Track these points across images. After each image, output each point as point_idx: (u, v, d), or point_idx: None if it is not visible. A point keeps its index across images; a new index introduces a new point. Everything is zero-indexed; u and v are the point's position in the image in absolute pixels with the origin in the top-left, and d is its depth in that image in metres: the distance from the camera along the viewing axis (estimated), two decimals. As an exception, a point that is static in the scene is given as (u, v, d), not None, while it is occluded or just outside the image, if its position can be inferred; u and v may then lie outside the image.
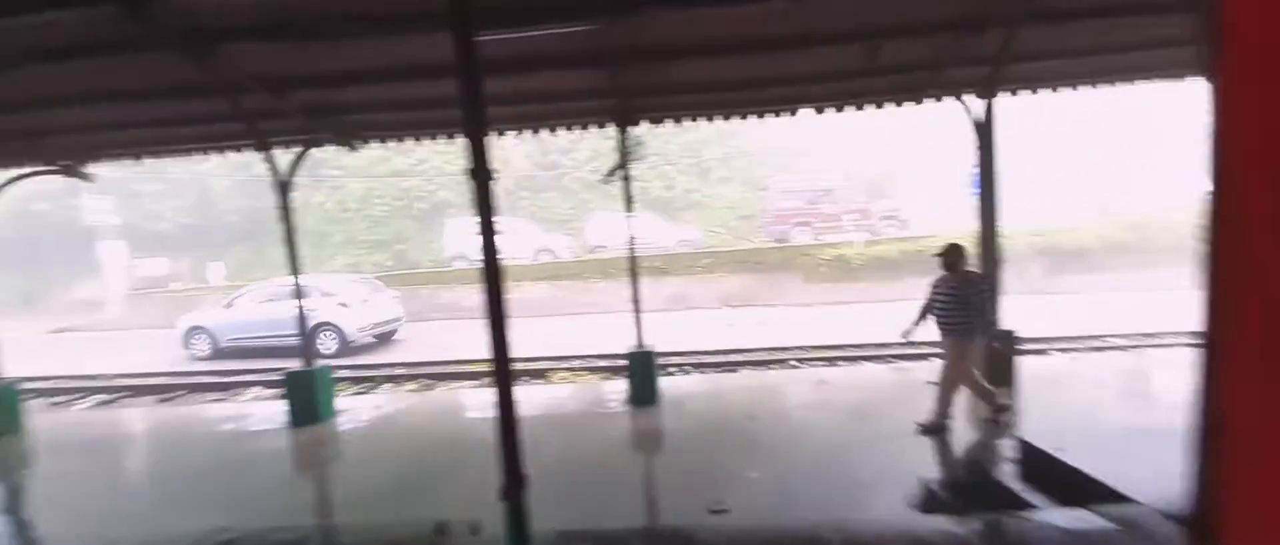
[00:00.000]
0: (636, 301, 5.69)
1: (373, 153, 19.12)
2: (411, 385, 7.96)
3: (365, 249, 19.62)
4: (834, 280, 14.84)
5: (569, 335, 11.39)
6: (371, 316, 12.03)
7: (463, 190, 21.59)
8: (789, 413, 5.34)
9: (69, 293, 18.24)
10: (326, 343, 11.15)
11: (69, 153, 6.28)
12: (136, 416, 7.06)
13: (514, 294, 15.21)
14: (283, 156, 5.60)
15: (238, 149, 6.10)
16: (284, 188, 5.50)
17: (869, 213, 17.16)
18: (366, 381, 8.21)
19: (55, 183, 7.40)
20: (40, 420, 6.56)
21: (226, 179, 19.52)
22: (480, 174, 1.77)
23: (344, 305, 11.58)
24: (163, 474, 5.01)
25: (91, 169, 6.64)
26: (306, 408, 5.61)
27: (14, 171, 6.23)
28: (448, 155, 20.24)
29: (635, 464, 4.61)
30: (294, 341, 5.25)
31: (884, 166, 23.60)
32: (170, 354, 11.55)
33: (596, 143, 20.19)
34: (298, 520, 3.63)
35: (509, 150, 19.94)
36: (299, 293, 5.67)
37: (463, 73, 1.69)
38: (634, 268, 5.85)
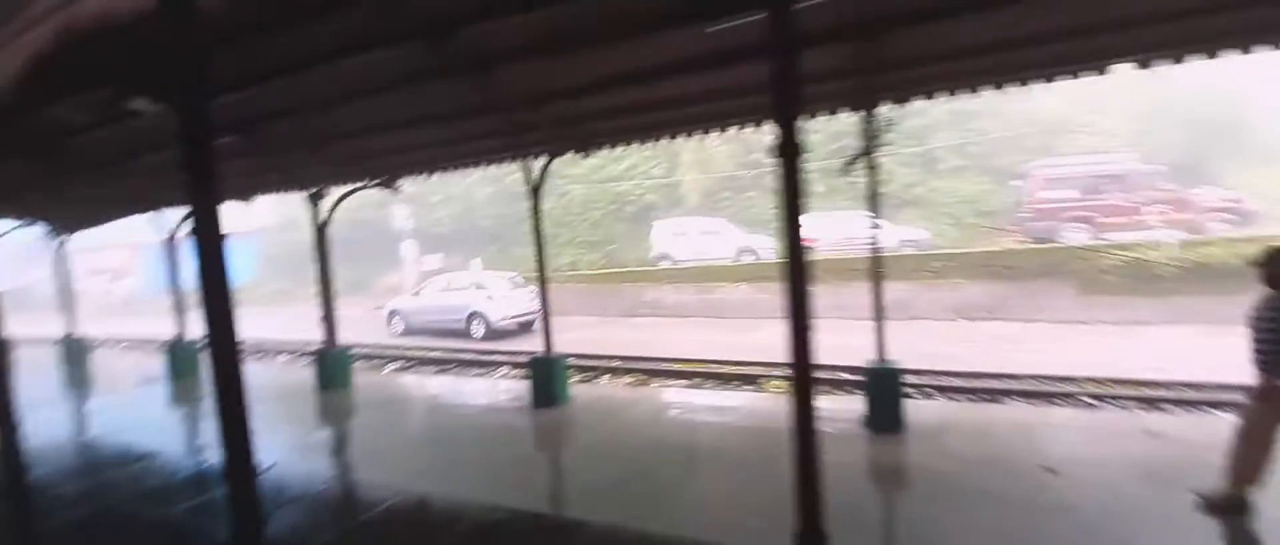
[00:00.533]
0: (879, 309, 4.95)
1: (591, 161, 21.09)
2: (628, 378, 8.35)
3: (583, 249, 21.71)
4: (1126, 292, 11.40)
5: (777, 341, 10.83)
6: (513, 308, 13.83)
7: (667, 194, 22.76)
8: (1110, 472, 3.79)
9: (382, 280, 24.00)
10: (475, 328, 13.62)
11: (385, 170, 8.02)
12: (421, 382, 8.74)
13: (716, 294, 14.94)
14: (523, 166, 6.25)
15: (500, 161, 6.99)
16: (535, 192, 6.13)
17: (1187, 203, 12.87)
18: (589, 371, 8.87)
19: (374, 194, 9.54)
20: (361, 378, 8.54)
21: (487, 189, 23.46)
22: (788, 151, 1.50)
23: (490, 298, 13.79)
24: (434, 433, 5.99)
25: (401, 182, 8.41)
26: (546, 391, 6.20)
27: (348, 186, 8.17)
28: (655, 160, 21.26)
29: (909, 508, 3.78)
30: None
31: (1205, 142, 17.59)
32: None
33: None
34: (543, 502, 3.91)
35: (712, 150, 20.07)
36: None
37: (777, 49, 1.45)
38: (875, 269, 5.10)
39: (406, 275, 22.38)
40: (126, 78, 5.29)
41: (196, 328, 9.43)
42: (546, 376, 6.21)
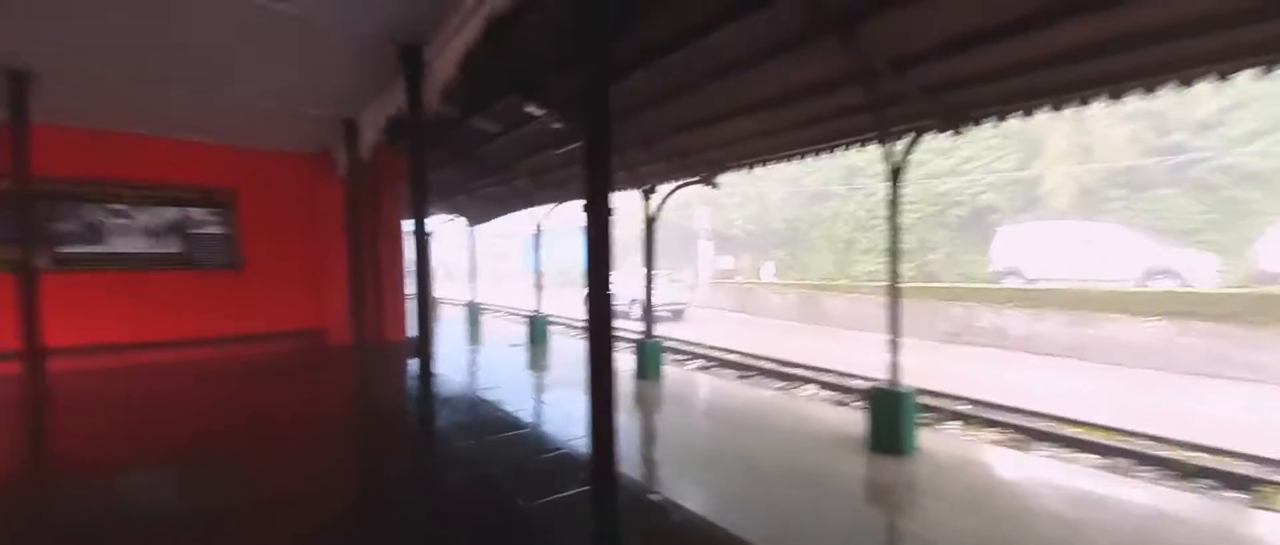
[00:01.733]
0: None
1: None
2: (992, 433, 6.25)
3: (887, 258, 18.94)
4: None
5: (1224, 409, 6.86)
6: (666, 298, 16.93)
7: (1017, 192, 17.90)
8: None
9: (685, 275, 25.87)
10: (634, 310, 15.54)
11: (710, 165, 7.85)
12: (722, 386, 8.34)
13: (1102, 329, 10.65)
14: (886, 150, 4.98)
15: (850, 146, 5.89)
16: (895, 178, 4.85)
17: None
18: (927, 410, 7.04)
19: (681, 194, 9.69)
20: (668, 371, 8.62)
21: (781, 191, 22.77)
22: None
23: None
24: (748, 456, 5.27)
25: (718, 177, 8.18)
26: (888, 432, 4.87)
27: (674, 182, 8.27)
28: (1001, 151, 16.94)
29: None
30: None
31: None
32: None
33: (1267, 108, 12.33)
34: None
35: (1099, 133, 14.81)
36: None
37: None
38: None
39: (699, 274, 23.46)
40: (527, 87, 6.23)
41: (549, 303, 10.86)
42: (890, 414, 4.87)
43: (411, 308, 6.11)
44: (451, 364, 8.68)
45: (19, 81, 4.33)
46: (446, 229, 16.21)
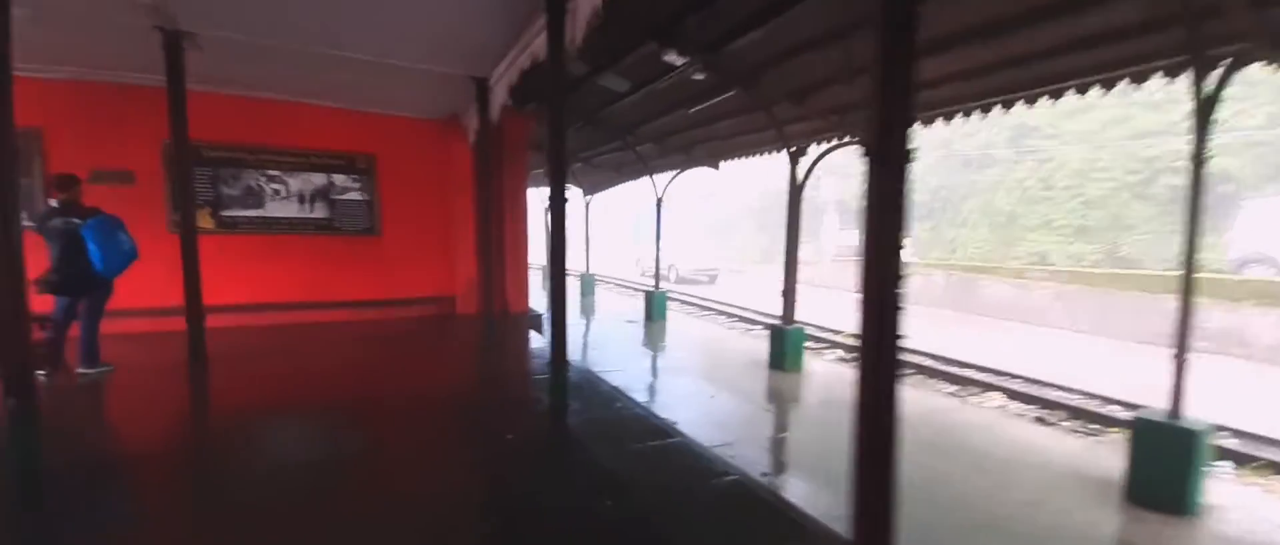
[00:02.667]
0: None
1: (1109, 110, 14.74)
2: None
3: (1064, 236, 15.78)
4: None
5: None
6: (698, 264, 20.34)
7: (1261, 157, 13.71)
8: None
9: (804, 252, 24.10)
10: (670, 274, 19.47)
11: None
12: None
13: None
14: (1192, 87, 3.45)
15: (1105, 81, 4.33)
16: (1204, 115, 3.36)
17: None
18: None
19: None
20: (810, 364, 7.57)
21: (926, 157, 19.99)
22: None
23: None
24: (969, 493, 4.16)
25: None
26: (1164, 483, 3.52)
27: (825, 146, 7.03)
28: (1242, 104, 13.12)
29: None
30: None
31: None
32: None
33: None
34: None
35: None
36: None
37: None
38: None
39: (823, 249, 21.51)
40: (666, 34, 5.38)
41: (656, 280, 10.08)
42: (1168, 459, 3.51)
43: (534, 278, 5.77)
44: (571, 340, 8.36)
45: (175, 42, 4.29)
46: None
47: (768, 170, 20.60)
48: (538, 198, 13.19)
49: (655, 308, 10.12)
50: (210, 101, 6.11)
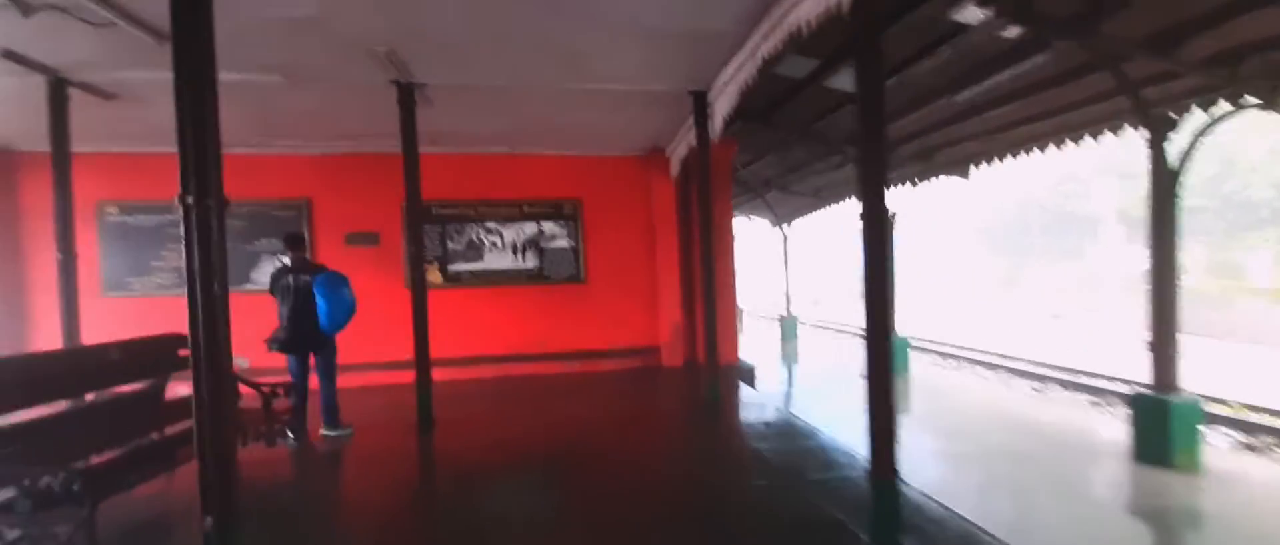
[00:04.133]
0: None
1: None
2: None
3: None
4: None
5: None
6: None
7: None
8: None
9: (1046, 274, 18.90)
10: None
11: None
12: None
13: None
14: None
15: None
16: None
17: None
18: None
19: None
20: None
21: (1262, 143, 14.34)
22: None
23: None
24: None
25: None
26: None
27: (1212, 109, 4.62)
28: None
29: None
30: None
31: None
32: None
33: None
34: None
35: None
36: None
37: None
38: None
39: (1095, 271, 16.54)
40: None
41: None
42: None
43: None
44: (801, 402, 6.92)
45: (408, 96, 4.21)
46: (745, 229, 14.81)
47: (1005, 181, 16.76)
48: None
49: (896, 360, 8.14)
50: (437, 162, 6.28)
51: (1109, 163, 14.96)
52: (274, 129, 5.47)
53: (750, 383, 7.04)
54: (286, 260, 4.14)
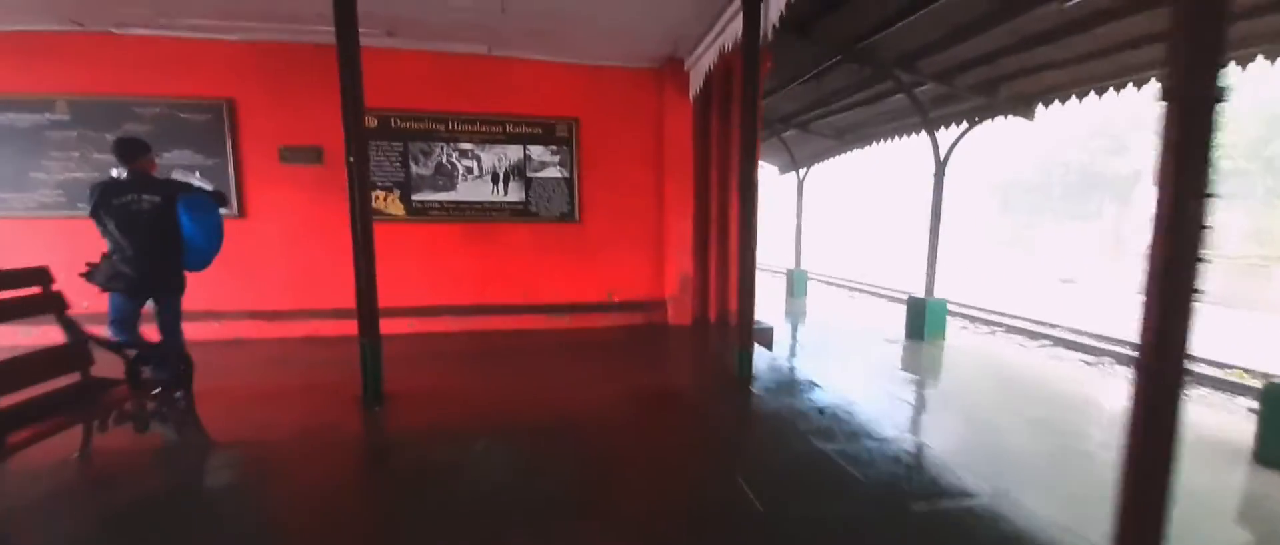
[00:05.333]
0: None
1: None
2: None
3: None
4: None
5: None
6: None
7: None
8: None
9: (1059, 236, 18.00)
10: None
11: None
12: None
13: None
14: None
15: None
16: None
17: None
18: None
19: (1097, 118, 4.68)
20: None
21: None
22: None
23: None
24: None
25: None
26: None
27: None
28: None
29: None
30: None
31: None
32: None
33: None
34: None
35: None
36: None
37: None
38: None
39: (1115, 231, 15.67)
40: None
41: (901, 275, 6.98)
42: None
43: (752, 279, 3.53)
44: (835, 374, 5.98)
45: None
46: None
47: (1017, 139, 15.54)
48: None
49: (928, 322, 7.21)
50: (398, 61, 5.00)
51: (1146, 116, 13.76)
52: (186, 2, 4.11)
53: (768, 345, 6.11)
54: (119, 174, 3.06)
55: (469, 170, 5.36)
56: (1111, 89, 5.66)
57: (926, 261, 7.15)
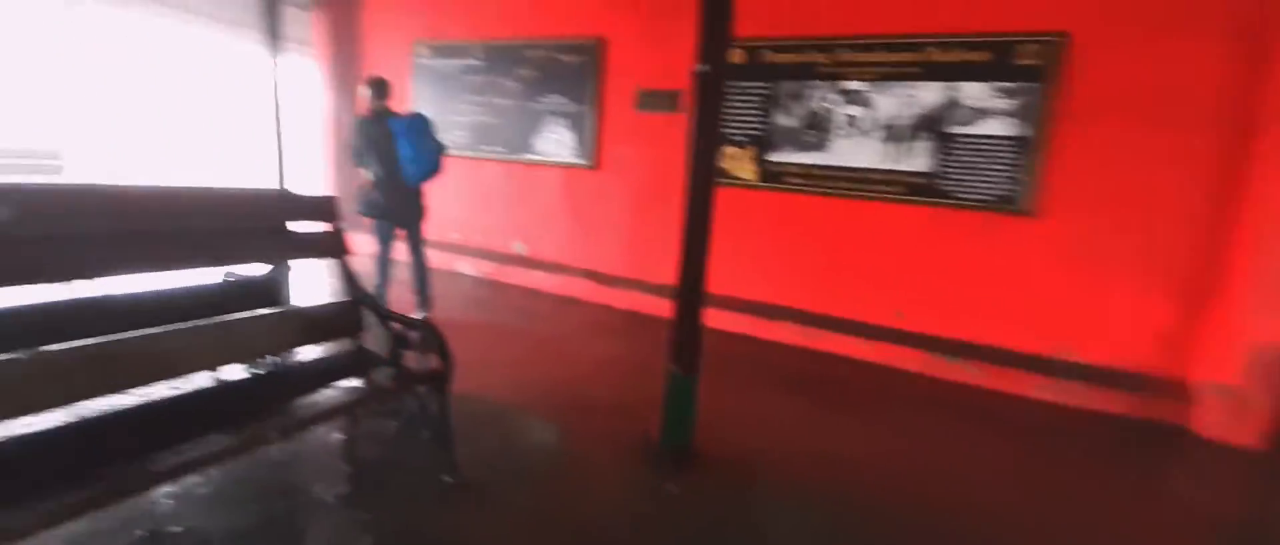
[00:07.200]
0: None
1: None
2: None
3: None
4: None
5: None
6: None
7: None
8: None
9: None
10: None
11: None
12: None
13: None
14: None
15: None
16: None
17: None
18: None
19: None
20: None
21: None
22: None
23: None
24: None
25: None
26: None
27: None
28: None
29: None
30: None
31: None
32: None
33: None
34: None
35: None
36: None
37: None
38: None
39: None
40: None
41: None
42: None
43: None
44: None
45: None
46: None
47: None
48: None
49: None
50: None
51: None
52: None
53: None
54: (375, 107, 3.40)
55: (850, 120, 3.67)
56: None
57: None
